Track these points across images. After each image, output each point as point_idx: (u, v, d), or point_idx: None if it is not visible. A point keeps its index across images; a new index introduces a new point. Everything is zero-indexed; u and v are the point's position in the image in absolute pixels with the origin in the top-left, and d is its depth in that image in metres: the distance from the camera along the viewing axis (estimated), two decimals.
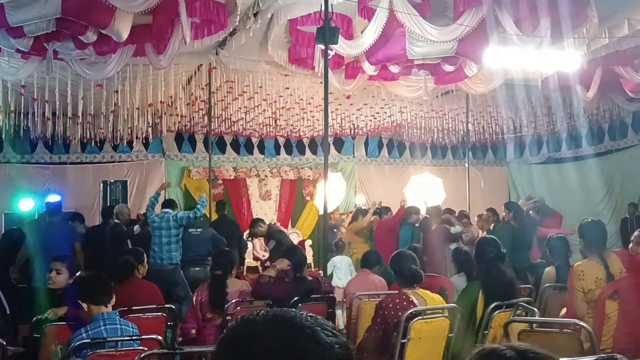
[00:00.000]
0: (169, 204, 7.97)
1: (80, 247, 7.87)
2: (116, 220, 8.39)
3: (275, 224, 13.56)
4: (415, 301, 4.12)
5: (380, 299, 4.49)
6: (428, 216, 8.78)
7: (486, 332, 4.16)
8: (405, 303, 4.08)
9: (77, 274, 5.00)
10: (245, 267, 10.11)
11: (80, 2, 5.80)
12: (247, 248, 10.53)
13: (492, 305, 4.16)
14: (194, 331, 4.99)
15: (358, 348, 4.35)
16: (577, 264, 4.33)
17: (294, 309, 1.07)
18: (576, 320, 3.73)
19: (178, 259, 7.30)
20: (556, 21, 6.97)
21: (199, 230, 7.99)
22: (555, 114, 11.96)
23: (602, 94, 10.33)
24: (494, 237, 5.28)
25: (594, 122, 12.70)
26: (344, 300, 6.33)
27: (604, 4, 7.00)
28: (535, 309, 4.49)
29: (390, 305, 4.08)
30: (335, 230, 10.94)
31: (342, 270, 8.14)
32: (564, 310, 4.46)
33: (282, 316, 1.04)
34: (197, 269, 7.63)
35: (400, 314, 4.00)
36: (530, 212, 8.79)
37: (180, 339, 5.03)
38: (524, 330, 3.74)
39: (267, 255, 12.32)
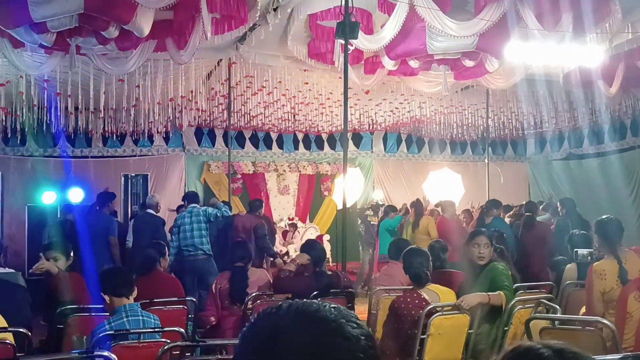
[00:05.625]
0: (194, 198, 8.03)
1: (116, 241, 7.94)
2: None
3: (292, 218, 13.65)
4: (427, 298, 4.14)
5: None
6: (530, 213, 8.53)
7: (507, 328, 4.14)
8: (417, 301, 4.12)
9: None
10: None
11: None
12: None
13: (513, 302, 4.14)
14: (213, 319, 5.05)
15: (379, 346, 4.37)
16: (596, 263, 4.27)
17: (315, 301, 1.03)
18: (598, 318, 3.68)
19: (210, 249, 7.45)
20: (578, 16, 6.87)
21: None
22: (576, 109, 11.80)
23: (625, 90, 10.18)
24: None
25: (616, 117, 12.52)
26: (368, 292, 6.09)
27: None
28: (557, 306, 4.46)
29: (403, 305, 4.13)
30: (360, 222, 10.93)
31: None
32: (583, 309, 4.41)
33: (305, 310, 1.00)
34: None
35: (413, 312, 4.03)
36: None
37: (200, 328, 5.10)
38: (545, 327, 3.70)
39: (284, 249, 12.42)
